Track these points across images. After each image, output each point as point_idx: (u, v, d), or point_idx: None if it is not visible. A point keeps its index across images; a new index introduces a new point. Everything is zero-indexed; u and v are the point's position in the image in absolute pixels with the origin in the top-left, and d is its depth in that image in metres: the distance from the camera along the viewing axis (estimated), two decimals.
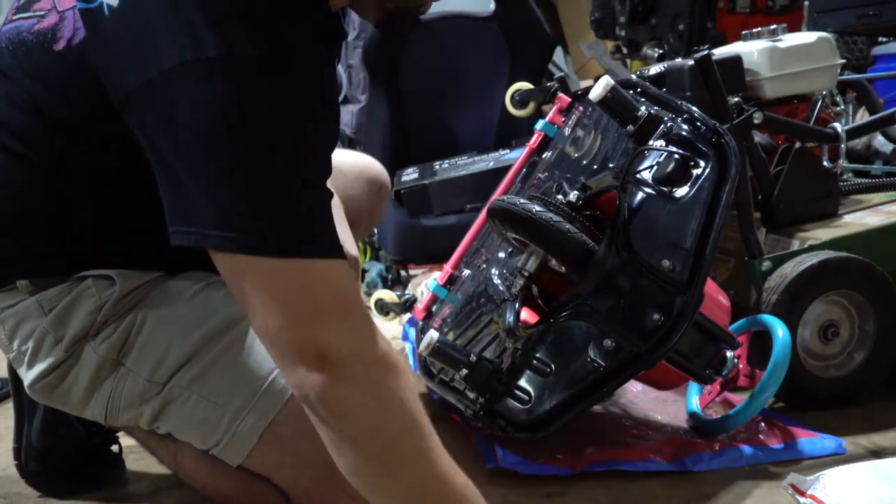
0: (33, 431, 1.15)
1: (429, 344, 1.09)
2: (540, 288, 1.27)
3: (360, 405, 0.78)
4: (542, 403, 1.10)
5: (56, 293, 0.97)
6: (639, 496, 1.09)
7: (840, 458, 1.16)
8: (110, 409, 1.00)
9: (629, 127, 1.17)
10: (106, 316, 0.97)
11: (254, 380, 0.97)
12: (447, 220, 2.17)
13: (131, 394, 0.99)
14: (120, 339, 0.98)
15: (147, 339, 0.98)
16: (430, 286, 1.45)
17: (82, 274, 0.97)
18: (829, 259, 1.32)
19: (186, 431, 1.00)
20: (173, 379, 0.98)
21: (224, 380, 0.97)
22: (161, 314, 0.99)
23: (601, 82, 1.14)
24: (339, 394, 0.77)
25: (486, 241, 1.41)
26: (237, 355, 0.98)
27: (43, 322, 0.98)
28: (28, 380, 1.01)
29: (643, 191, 1.15)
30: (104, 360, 0.98)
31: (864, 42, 3.05)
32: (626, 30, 2.92)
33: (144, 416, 1.00)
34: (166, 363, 0.97)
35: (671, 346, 1.06)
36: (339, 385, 0.77)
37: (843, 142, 1.45)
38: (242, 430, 0.96)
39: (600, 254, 1.12)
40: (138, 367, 0.98)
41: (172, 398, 0.98)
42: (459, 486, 0.83)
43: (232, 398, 0.97)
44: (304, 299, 0.77)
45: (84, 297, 0.97)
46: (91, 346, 0.98)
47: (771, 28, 1.59)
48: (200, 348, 0.98)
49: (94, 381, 0.99)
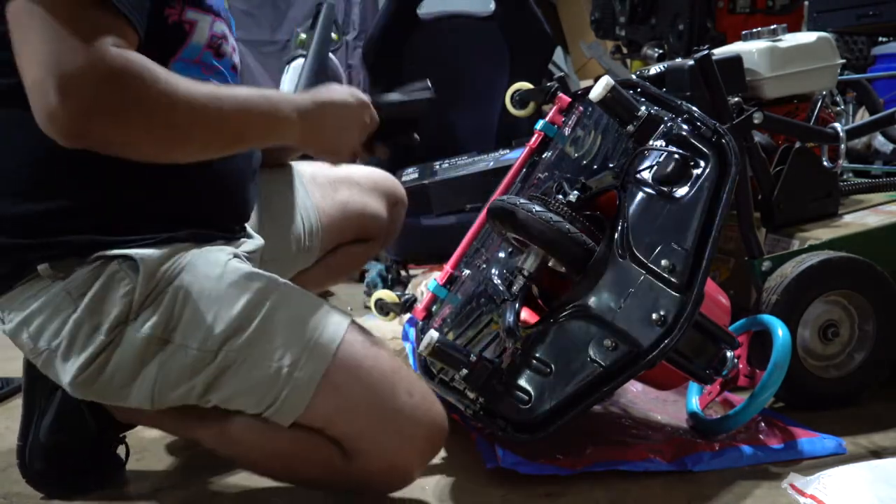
0: (43, 428, 1.16)
1: (429, 344, 1.09)
2: (540, 288, 1.27)
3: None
4: (542, 403, 1.10)
5: (82, 278, 0.98)
6: (639, 496, 1.09)
7: (840, 458, 1.16)
8: (157, 389, 1.01)
9: (629, 127, 1.17)
10: (142, 296, 0.98)
11: (302, 334, 1.01)
12: (447, 220, 2.17)
13: (181, 368, 1.00)
14: (164, 317, 0.99)
15: (193, 312, 1.00)
16: (430, 286, 1.45)
17: (101, 254, 0.98)
18: (829, 259, 1.32)
19: (240, 397, 1.01)
20: (224, 346, 1.00)
21: (274, 340, 1.00)
22: (201, 287, 1.01)
23: (601, 82, 1.14)
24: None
25: (486, 241, 1.41)
26: (282, 317, 1.02)
27: (75, 313, 0.98)
28: (67, 376, 1.01)
29: (643, 191, 1.15)
30: (149, 340, 0.99)
31: (864, 42, 3.05)
32: (626, 30, 2.92)
33: (196, 389, 1.01)
34: (216, 332, 0.99)
35: (671, 346, 1.06)
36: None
37: (843, 142, 1.45)
38: (300, 383, 1.00)
39: (600, 254, 1.12)
40: (188, 340, 0.99)
41: (226, 365, 1.00)
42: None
43: (285, 355, 1.00)
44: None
45: (115, 282, 0.98)
46: (132, 328, 0.99)
47: (771, 28, 1.59)
48: (247, 315, 1.00)
49: (139, 364, 1.00)
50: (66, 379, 1.01)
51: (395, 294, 1.47)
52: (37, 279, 0.99)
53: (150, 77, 0.87)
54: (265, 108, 0.99)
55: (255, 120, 0.99)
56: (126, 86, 0.85)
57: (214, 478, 1.22)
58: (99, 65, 0.83)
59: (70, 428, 1.16)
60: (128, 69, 0.85)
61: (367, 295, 2.37)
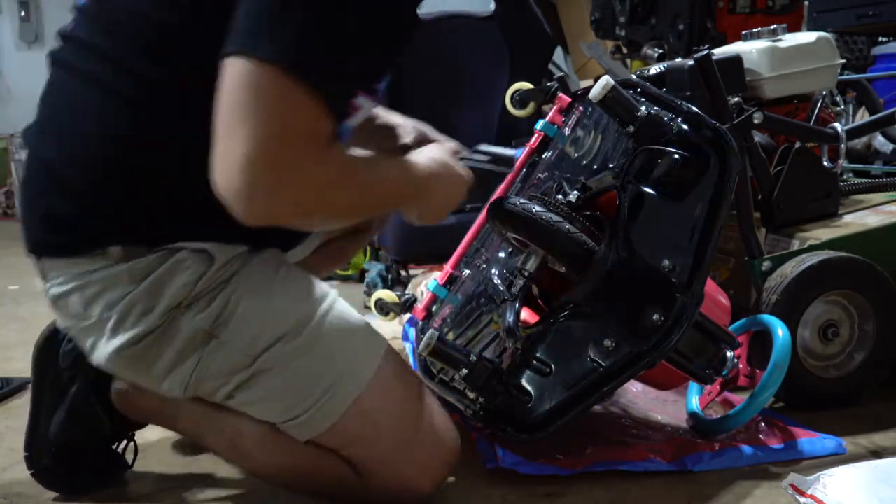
0: (54, 425, 1.16)
1: (429, 344, 1.09)
2: (540, 288, 1.27)
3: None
4: (542, 403, 1.10)
5: (146, 263, 0.98)
6: (639, 496, 1.09)
7: (840, 458, 1.16)
8: (193, 379, 1.01)
9: (629, 127, 1.17)
10: (201, 288, 0.99)
11: (343, 356, 1.03)
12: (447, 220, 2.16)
13: (221, 365, 1.01)
14: (216, 312, 1.00)
15: (244, 313, 1.00)
16: (430, 286, 1.45)
17: (172, 246, 0.98)
18: (829, 259, 1.32)
19: (266, 402, 1.03)
20: (268, 352, 1.00)
21: (317, 356, 1.02)
22: (256, 290, 1.02)
23: (601, 82, 1.14)
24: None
25: (486, 241, 1.41)
26: (328, 334, 1.03)
27: (134, 290, 0.98)
28: (111, 348, 1.01)
29: (643, 191, 1.15)
30: (197, 332, 0.99)
31: (864, 42, 3.05)
32: (626, 30, 2.92)
33: (228, 386, 1.02)
34: (262, 337, 1.00)
35: (671, 346, 1.06)
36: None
37: (843, 142, 1.45)
38: (331, 403, 1.01)
39: (600, 254, 1.12)
40: (234, 339, 1.00)
41: (265, 370, 1.01)
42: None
43: (323, 373, 1.01)
44: (289, 120, 0.82)
45: (180, 269, 0.98)
46: (185, 317, 0.99)
47: (771, 28, 1.59)
48: (296, 325, 1.02)
49: (183, 352, 1.00)
50: (108, 350, 1.01)
51: (395, 294, 1.47)
52: (102, 256, 0.98)
53: (351, 172, 0.92)
54: (399, 188, 1.04)
55: (390, 199, 1.05)
56: (332, 180, 0.88)
57: (214, 478, 1.22)
58: (321, 156, 0.86)
59: (83, 426, 1.16)
60: (342, 164, 0.90)
61: (367, 295, 2.37)
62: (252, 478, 1.18)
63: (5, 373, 1.75)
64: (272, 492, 1.15)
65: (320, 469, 1.06)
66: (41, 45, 6.03)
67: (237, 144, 0.81)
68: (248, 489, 1.17)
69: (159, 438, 1.34)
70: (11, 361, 1.91)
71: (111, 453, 1.21)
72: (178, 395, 1.04)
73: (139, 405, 1.15)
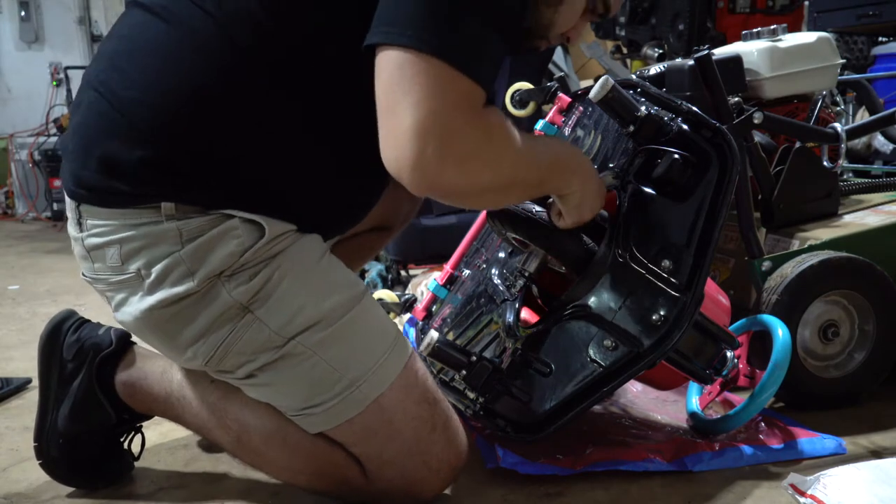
0: (61, 417, 1.16)
1: (429, 344, 1.09)
2: (540, 288, 1.27)
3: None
4: (543, 403, 1.11)
5: (198, 225, 0.97)
6: (639, 496, 1.09)
7: (840, 458, 1.16)
8: (219, 351, 1.01)
9: (629, 127, 1.17)
10: (247, 260, 0.98)
11: (372, 354, 1.03)
12: (447, 220, 2.17)
13: (250, 341, 1.00)
14: (255, 288, 0.99)
15: (283, 293, 1.00)
16: (430, 286, 1.45)
17: (225, 212, 0.98)
18: (829, 259, 1.32)
19: (288, 387, 1.02)
20: (299, 337, 1.00)
21: (346, 349, 1.02)
22: (297, 272, 1.01)
23: (601, 82, 1.14)
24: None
25: (486, 241, 1.41)
26: (360, 329, 1.04)
27: (179, 251, 0.97)
28: (144, 304, 1.00)
29: (643, 191, 1.15)
30: (234, 304, 0.99)
31: (864, 42, 3.05)
32: (626, 30, 2.92)
33: (253, 363, 1.01)
34: (297, 321, 1.00)
35: (671, 346, 1.06)
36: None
37: (843, 142, 1.45)
38: (354, 398, 1.01)
39: (600, 254, 1.12)
40: (268, 318, 1.00)
41: (294, 354, 1.01)
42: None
43: (350, 367, 1.02)
44: (449, 99, 0.87)
45: (229, 237, 0.98)
46: (225, 287, 0.99)
47: (771, 28, 1.59)
48: (330, 315, 1.02)
49: (216, 322, 1.00)
50: (141, 306, 1.00)
51: (395, 294, 1.48)
52: (153, 210, 0.97)
53: (511, 136, 0.94)
54: (562, 162, 1.05)
55: (553, 174, 1.04)
56: (493, 142, 0.92)
57: (215, 478, 1.22)
58: (479, 122, 0.90)
59: (88, 417, 1.16)
60: (500, 127, 0.93)
61: None
62: (251, 477, 1.18)
63: (5, 373, 1.75)
64: (271, 490, 1.15)
65: (326, 467, 1.06)
66: (41, 45, 6.03)
67: (402, 119, 0.86)
68: (248, 488, 1.17)
69: (158, 439, 1.34)
70: (11, 361, 1.91)
71: (118, 444, 1.21)
72: (199, 366, 1.03)
73: (144, 396, 1.15)
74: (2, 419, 1.51)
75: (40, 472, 1.18)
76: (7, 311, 2.56)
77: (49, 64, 5.96)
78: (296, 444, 1.05)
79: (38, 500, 1.17)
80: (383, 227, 1.45)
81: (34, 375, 1.69)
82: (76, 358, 1.16)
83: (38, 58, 6.04)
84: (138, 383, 1.15)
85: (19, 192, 5.68)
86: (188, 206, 0.97)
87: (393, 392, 1.03)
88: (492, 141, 0.92)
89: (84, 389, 1.15)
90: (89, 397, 1.15)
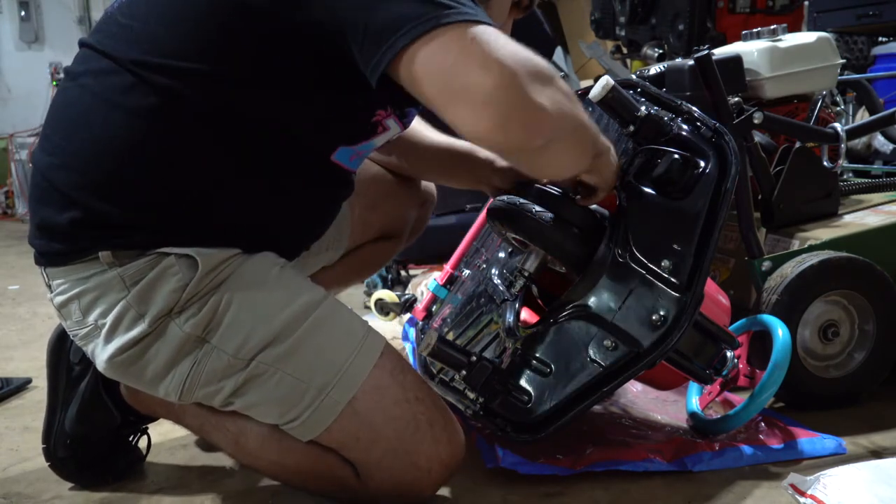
0: (68, 418, 1.18)
1: (429, 344, 1.09)
2: (540, 288, 1.27)
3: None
4: (542, 403, 1.10)
5: (136, 268, 0.99)
6: (639, 496, 1.09)
7: (840, 458, 1.16)
8: (187, 385, 1.02)
9: (629, 127, 1.17)
10: (190, 294, 1.00)
11: (336, 359, 1.03)
12: (447, 220, 2.17)
13: (213, 370, 1.01)
14: (206, 318, 1.00)
15: (233, 318, 1.01)
16: (430, 286, 1.45)
17: (161, 250, 0.99)
18: (829, 259, 1.32)
19: (264, 406, 1.03)
20: (259, 356, 1.01)
21: (308, 358, 1.02)
22: (246, 294, 1.02)
23: (601, 82, 1.14)
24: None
25: (486, 241, 1.41)
26: (321, 336, 1.03)
27: (125, 296, 0.99)
28: (105, 354, 1.02)
29: (643, 191, 1.15)
30: (188, 337, 1.00)
31: (864, 42, 3.05)
32: (626, 30, 2.92)
33: (223, 391, 1.02)
34: (252, 341, 1.01)
35: (671, 346, 1.06)
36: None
37: (843, 142, 1.45)
38: (325, 406, 1.02)
39: (600, 254, 1.12)
40: (224, 345, 1.01)
41: (257, 374, 1.01)
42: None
43: (315, 376, 1.02)
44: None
45: (168, 275, 0.99)
46: (175, 322, 1.00)
47: (771, 28, 1.59)
48: (286, 328, 1.02)
49: (175, 358, 1.01)
50: (103, 357, 1.03)
51: (395, 294, 1.48)
52: (94, 261, 1.00)
53: (578, 106, 0.97)
54: (598, 134, 1.07)
55: (597, 141, 1.06)
56: (572, 110, 0.95)
57: (214, 478, 1.22)
58: (531, 74, 0.89)
59: (94, 419, 1.18)
60: (573, 99, 0.95)
61: (367, 295, 2.37)
62: (251, 477, 1.18)
63: (5, 373, 1.75)
64: (271, 490, 1.15)
65: (322, 469, 1.06)
66: (41, 45, 6.03)
67: (480, 84, 0.86)
68: (247, 488, 1.17)
69: (159, 439, 1.34)
70: (11, 361, 1.91)
71: (124, 445, 1.23)
72: (175, 401, 1.04)
73: (147, 399, 1.16)
74: (2, 419, 1.51)
75: (40, 472, 1.18)
76: (7, 311, 2.56)
77: (49, 64, 5.96)
78: (290, 446, 1.05)
79: (38, 500, 1.17)
80: (391, 235, 1.45)
81: (34, 375, 1.70)
82: (83, 360, 1.18)
83: (38, 58, 6.05)
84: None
85: (19, 191, 5.68)
86: (125, 252, 0.99)
87: (366, 394, 1.02)
88: (558, 99, 0.92)
89: (90, 392, 1.18)
90: (95, 400, 1.18)
